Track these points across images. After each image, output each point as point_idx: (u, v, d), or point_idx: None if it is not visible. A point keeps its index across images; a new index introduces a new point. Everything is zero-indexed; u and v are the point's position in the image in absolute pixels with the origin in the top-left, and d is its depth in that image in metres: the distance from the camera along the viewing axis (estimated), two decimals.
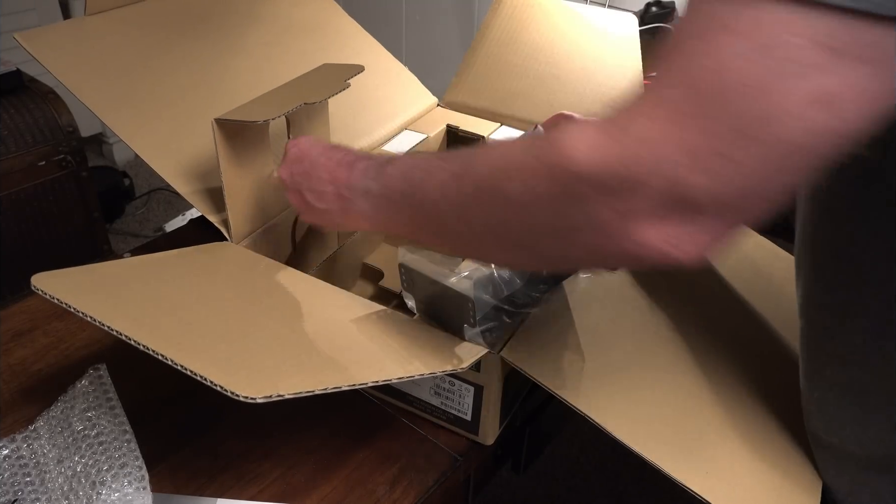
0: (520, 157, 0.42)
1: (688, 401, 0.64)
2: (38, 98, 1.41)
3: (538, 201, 0.40)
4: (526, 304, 0.64)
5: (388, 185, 0.54)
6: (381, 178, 0.55)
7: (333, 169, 0.59)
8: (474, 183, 0.45)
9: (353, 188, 0.57)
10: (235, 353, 0.52)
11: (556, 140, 0.38)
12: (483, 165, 0.45)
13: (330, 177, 0.59)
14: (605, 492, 1.52)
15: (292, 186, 0.63)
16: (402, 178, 0.52)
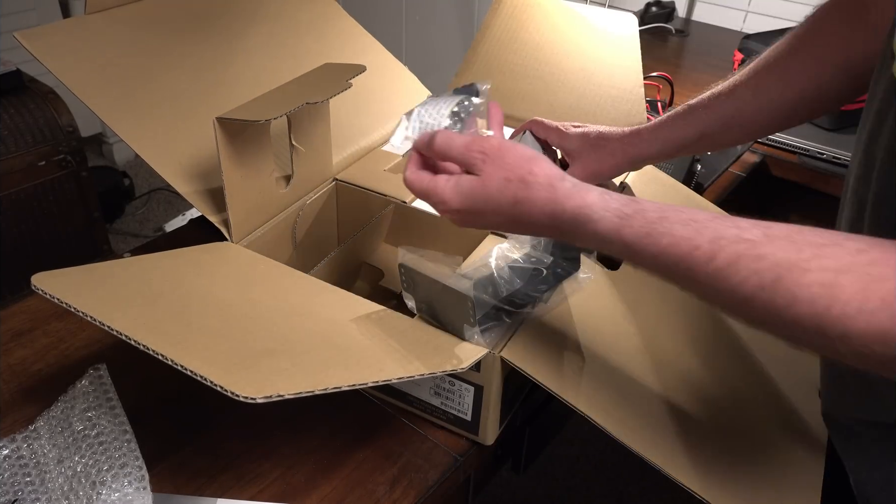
0: (811, 308, 0.40)
1: (688, 401, 0.64)
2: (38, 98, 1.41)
3: (813, 338, 0.41)
4: (526, 304, 0.64)
5: (644, 229, 0.47)
6: (631, 218, 0.48)
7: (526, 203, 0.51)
8: (753, 287, 0.43)
9: (580, 215, 0.50)
10: (235, 353, 0.52)
11: (866, 314, 0.38)
12: (773, 282, 0.42)
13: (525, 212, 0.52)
14: (605, 492, 1.52)
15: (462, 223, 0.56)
16: (663, 234, 0.47)
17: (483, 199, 0.52)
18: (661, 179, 0.90)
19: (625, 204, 0.49)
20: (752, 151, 1.19)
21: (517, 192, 0.50)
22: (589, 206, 0.49)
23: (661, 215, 0.47)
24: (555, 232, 0.52)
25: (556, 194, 0.50)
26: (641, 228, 0.47)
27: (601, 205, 0.49)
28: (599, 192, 0.49)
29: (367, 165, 0.88)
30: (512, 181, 0.51)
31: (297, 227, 0.82)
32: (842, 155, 1.14)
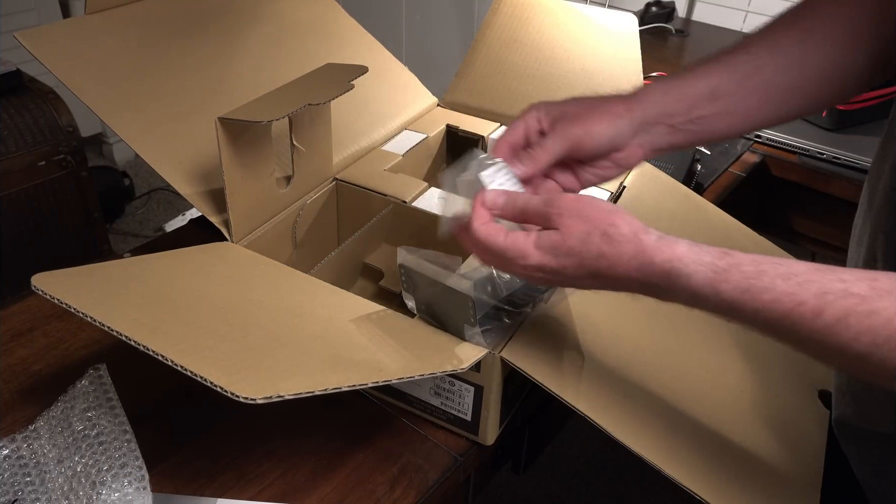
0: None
1: (688, 401, 0.64)
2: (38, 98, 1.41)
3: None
4: (526, 304, 0.64)
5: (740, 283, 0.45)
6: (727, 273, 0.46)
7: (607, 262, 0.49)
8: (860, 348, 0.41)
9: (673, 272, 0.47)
10: (235, 353, 0.52)
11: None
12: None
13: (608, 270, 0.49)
14: (605, 492, 1.52)
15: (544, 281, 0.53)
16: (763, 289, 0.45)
17: (565, 253, 0.49)
18: (661, 179, 0.90)
19: (718, 257, 0.46)
20: (751, 151, 1.19)
21: (601, 246, 0.48)
22: (680, 259, 0.46)
23: (758, 269, 0.45)
24: (642, 288, 0.49)
25: (643, 248, 0.47)
26: (739, 284, 0.45)
27: (693, 258, 0.46)
28: (688, 244, 0.47)
29: (368, 165, 0.88)
30: (593, 235, 0.48)
31: (297, 227, 0.82)
32: (842, 155, 1.14)
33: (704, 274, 0.46)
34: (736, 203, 1.04)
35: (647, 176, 0.89)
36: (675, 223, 0.83)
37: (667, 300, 0.49)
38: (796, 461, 0.63)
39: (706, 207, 0.89)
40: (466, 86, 1.03)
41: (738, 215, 0.89)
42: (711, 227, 0.87)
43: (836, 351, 0.42)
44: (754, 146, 1.20)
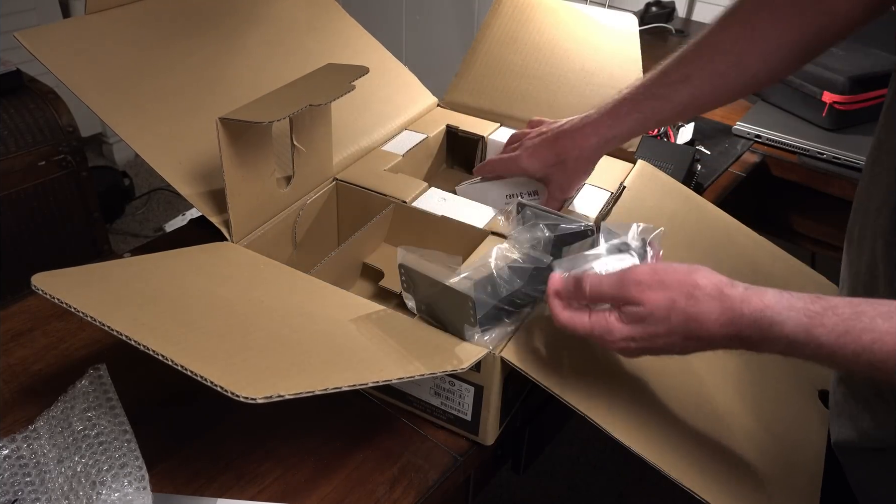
0: None
1: (688, 401, 0.64)
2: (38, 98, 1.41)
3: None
4: (526, 304, 0.64)
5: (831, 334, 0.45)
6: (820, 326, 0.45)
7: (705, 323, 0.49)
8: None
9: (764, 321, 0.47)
10: (235, 353, 0.52)
11: None
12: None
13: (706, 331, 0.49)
14: (605, 492, 1.52)
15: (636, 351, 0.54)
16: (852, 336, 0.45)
17: (654, 323, 0.49)
18: (661, 179, 0.90)
19: (811, 301, 0.46)
20: (752, 152, 1.19)
21: (687, 309, 0.48)
22: (770, 308, 0.46)
23: (855, 310, 0.45)
24: (736, 342, 0.48)
25: (731, 302, 0.47)
26: (837, 326, 0.44)
27: (784, 304, 0.46)
28: (777, 292, 0.47)
29: (368, 165, 0.88)
30: (679, 301, 0.48)
31: (297, 227, 0.82)
32: (842, 155, 1.14)
33: (798, 320, 0.45)
34: (736, 203, 1.03)
35: (647, 176, 0.89)
36: (675, 223, 0.83)
37: (764, 350, 0.48)
38: (796, 461, 0.63)
39: (706, 207, 0.89)
40: (466, 86, 1.03)
41: (738, 215, 0.89)
42: (711, 227, 0.87)
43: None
44: (754, 146, 1.20)
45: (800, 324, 0.45)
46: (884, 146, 0.56)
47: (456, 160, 1.03)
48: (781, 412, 0.68)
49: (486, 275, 0.61)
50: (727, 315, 0.47)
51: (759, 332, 0.46)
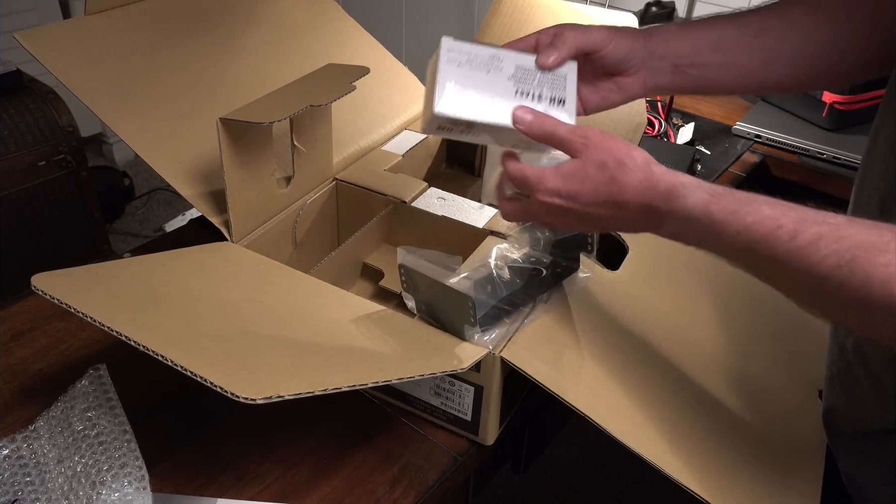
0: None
1: (688, 401, 0.64)
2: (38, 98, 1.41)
3: (885, 321, 0.41)
4: (526, 304, 0.64)
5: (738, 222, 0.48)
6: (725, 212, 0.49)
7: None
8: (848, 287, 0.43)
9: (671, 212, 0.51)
10: (235, 353, 0.52)
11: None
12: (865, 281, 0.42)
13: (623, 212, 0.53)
14: (605, 492, 1.52)
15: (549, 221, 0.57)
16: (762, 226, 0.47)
17: (580, 179, 0.53)
18: None
19: (716, 186, 0.50)
20: (752, 152, 1.19)
21: (614, 172, 0.52)
22: (682, 184, 0.50)
23: (749, 196, 0.49)
24: (644, 212, 0.52)
25: (652, 175, 0.51)
26: (729, 206, 0.48)
27: (694, 183, 0.50)
28: (692, 178, 0.51)
29: (368, 165, 0.88)
30: (609, 163, 0.52)
31: (297, 227, 0.82)
32: (842, 155, 1.14)
33: (701, 196, 0.49)
34: None
35: None
36: None
37: (664, 229, 0.52)
38: (796, 461, 0.63)
39: None
40: None
41: None
42: None
43: (805, 273, 0.44)
44: (754, 146, 1.20)
45: (702, 199, 0.49)
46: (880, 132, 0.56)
47: (455, 160, 1.03)
48: (781, 411, 0.68)
49: (485, 275, 0.61)
50: (644, 185, 0.51)
51: (667, 203, 0.50)
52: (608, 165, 0.52)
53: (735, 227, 0.47)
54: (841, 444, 0.62)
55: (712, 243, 0.50)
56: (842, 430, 0.60)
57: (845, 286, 0.42)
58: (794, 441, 0.65)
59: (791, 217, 0.45)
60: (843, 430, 0.60)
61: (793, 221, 0.45)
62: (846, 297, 0.42)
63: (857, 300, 0.42)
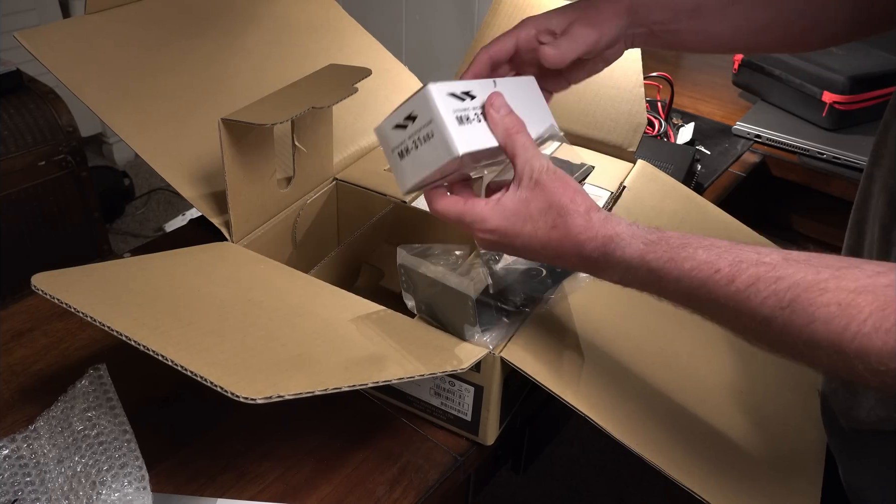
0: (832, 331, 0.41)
1: (688, 401, 0.64)
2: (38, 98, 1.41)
3: (832, 358, 0.41)
4: (526, 304, 0.64)
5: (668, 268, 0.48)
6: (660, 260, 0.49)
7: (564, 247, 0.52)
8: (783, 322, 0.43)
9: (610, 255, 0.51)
10: (235, 353, 0.52)
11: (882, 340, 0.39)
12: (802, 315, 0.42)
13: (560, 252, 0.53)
14: (605, 492, 1.52)
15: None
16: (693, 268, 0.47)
17: (522, 220, 0.53)
18: (661, 179, 0.90)
19: (650, 231, 0.50)
20: (752, 152, 1.19)
21: (556, 219, 0.52)
22: (619, 235, 0.50)
23: (683, 241, 0.48)
24: (581, 260, 0.52)
25: (591, 222, 0.51)
26: (665, 254, 0.48)
27: (629, 232, 0.50)
28: (627, 224, 0.51)
29: (368, 165, 0.88)
30: (553, 207, 0.52)
31: (297, 227, 0.82)
32: (842, 155, 1.14)
33: (637, 247, 0.50)
34: (736, 203, 1.03)
35: (648, 176, 0.89)
36: (675, 223, 0.83)
37: (604, 277, 0.53)
38: (796, 461, 0.63)
39: (706, 207, 0.89)
40: None
41: (738, 215, 0.89)
42: (711, 227, 0.87)
43: (748, 316, 0.44)
44: (754, 146, 1.20)
45: (637, 250, 0.49)
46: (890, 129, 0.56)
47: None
48: (782, 412, 0.68)
49: (485, 275, 0.61)
50: (584, 234, 0.51)
51: (604, 255, 0.51)
52: (552, 209, 0.52)
53: (674, 274, 0.47)
54: (837, 439, 0.62)
55: (654, 290, 0.50)
56: (840, 424, 0.60)
57: (789, 327, 0.42)
58: (794, 441, 0.65)
59: (727, 260, 0.45)
60: (841, 424, 0.60)
61: (728, 265, 0.45)
62: (791, 337, 0.42)
63: (803, 340, 0.42)
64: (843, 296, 0.40)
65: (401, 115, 0.54)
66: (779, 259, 0.44)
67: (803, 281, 0.42)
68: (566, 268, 0.55)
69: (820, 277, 0.42)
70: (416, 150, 0.54)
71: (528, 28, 0.62)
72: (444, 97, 0.53)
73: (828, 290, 0.41)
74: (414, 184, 0.55)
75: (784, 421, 0.67)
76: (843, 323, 0.40)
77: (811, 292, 0.41)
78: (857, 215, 0.61)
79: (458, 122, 0.53)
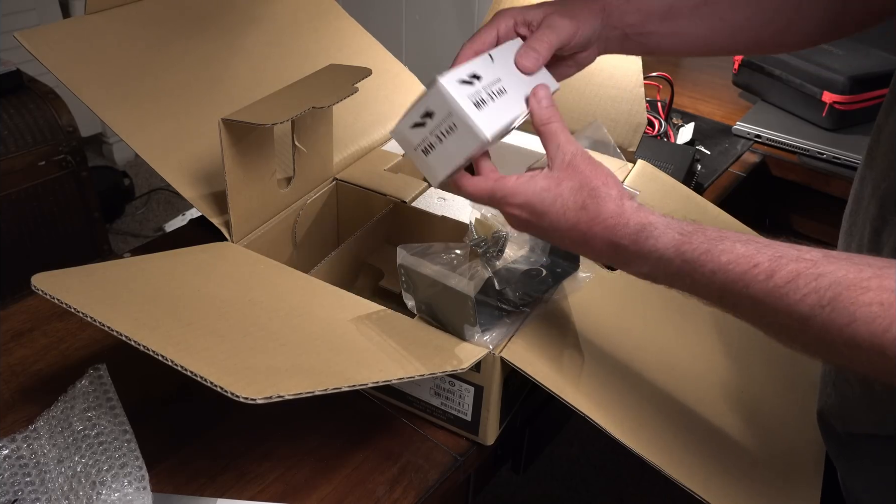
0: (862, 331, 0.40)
1: (688, 401, 0.64)
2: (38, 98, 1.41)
3: (872, 359, 0.40)
4: (526, 303, 0.64)
5: (695, 259, 0.47)
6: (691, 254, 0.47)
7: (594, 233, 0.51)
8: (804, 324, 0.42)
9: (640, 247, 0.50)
10: (235, 353, 0.52)
11: None
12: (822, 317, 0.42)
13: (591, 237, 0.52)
14: (605, 492, 1.52)
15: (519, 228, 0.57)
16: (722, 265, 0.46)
17: (551, 199, 0.52)
18: (661, 179, 0.90)
19: (685, 223, 0.49)
20: (752, 152, 1.19)
21: (586, 200, 0.51)
22: (652, 224, 0.49)
23: (721, 234, 0.47)
24: (611, 247, 0.51)
25: (623, 208, 0.50)
26: (701, 245, 0.47)
27: (664, 222, 0.49)
28: (661, 214, 0.50)
29: (368, 165, 0.88)
30: (584, 188, 0.51)
31: (297, 227, 0.82)
32: (842, 155, 1.14)
33: (672, 236, 0.48)
34: (736, 203, 1.03)
35: (647, 176, 0.89)
36: None
37: (631, 269, 0.51)
38: (796, 461, 0.63)
39: (706, 207, 0.89)
40: None
41: (738, 215, 0.89)
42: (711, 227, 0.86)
43: (785, 313, 0.43)
44: (754, 146, 1.20)
45: (672, 239, 0.48)
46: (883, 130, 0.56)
47: None
48: (782, 412, 0.68)
49: (485, 275, 0.61)
50: (615, 220, 0.50)
51: (636, 241, 0.49)
52: (583, 190, 0.51)
53: (709, 266, 0.46)
54: (834, 443, 0.62)
55: (686, 283, 0.48)
56: (834, 428, 0.60)
57: (828, 326, 0.41)
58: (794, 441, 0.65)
59: (766, 255, 0.44)
60: (836, 428, 0.60)
61: (768, 259, 0.44)
62: (830, 336, 0.41)
63: (843, 340, 0.41)
64: (886, 295, 0.39)
65: (416, 113, 0.55)
66: (819, 256, 0.43)
67: (844, 279, 0.41)
68: (592, 256, 0.53)
69: (862, 276, 0.40)
70: (441, 143, 0.55)
71: (507, 19, 0.61)
72: (455, 87, 0.54)
73: (870, 288, 0.40)
74: (446, 175, 0.56)
75: (785, 421, 0.67)
76: (886, 323, 0.39)
77: (853, 290, 0.40)
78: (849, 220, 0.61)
79: (476, 108, 0.54)
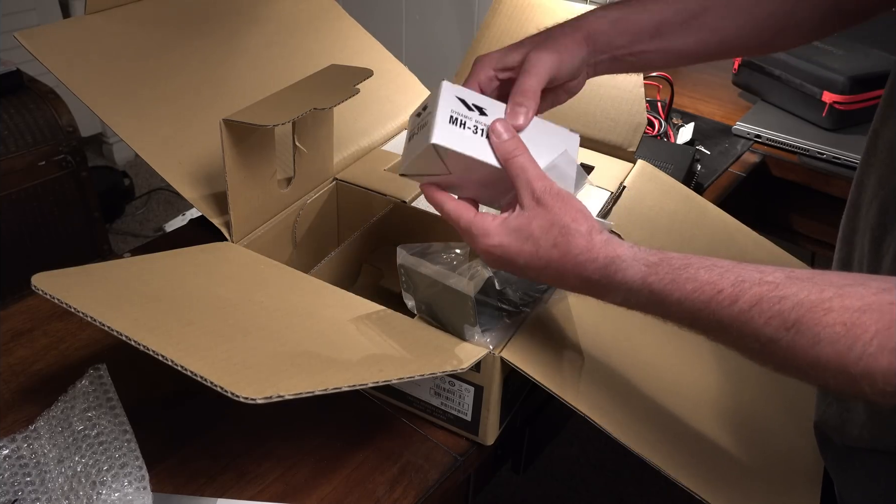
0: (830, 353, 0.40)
1: (688, 401, 0.64)
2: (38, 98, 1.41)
3: (838, 378, 0.41)
4: (526, 304, 0.64)
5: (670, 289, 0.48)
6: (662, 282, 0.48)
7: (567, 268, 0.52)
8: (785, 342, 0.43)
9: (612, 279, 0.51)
10: (235, 353, 0.52)
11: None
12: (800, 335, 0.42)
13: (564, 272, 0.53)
14: (605, 492, 1.52)
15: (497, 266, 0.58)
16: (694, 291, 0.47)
17: (524, 238, 0.53)
18: (661, 179, 0.90)
19: (651, 253, 0.50)
20: (752, 152, 1.19)
21: (557, 237, 0.52)
22: (620, 257, 0.50)
23: (685, 262, 0.48)
24: (583, 282, 0.52)
25: (592, 243, 0.51)
26: (667, 276, 0.48)
27: (631, 254, 0.50)
28: (629, 246, 0.51)
29: (368, 165, 0.88)
30: (555, 226, 0.52)
31: (297, 227, 0.82)
32: (842, 155, 1.14)
33: (638, 269, 0.49)
34: (736, 203, 1.03)
35: (647, 176, 0.89)
36: (675, 223, 0.83)
37: (607, 299, 0.52)
38: (796, 461, 0.63)
39: (706, 207, 0.89)
40: None
41: (738, 215, 0.89)
42: (711, 227, 0.87)
43: (752, 337, 0.44)
44: (754, 146, 1.20)
45: (639, 271, 0.49)
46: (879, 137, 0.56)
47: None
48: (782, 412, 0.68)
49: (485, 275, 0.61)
50: (585, 255, 0.51)
51: (606, 277, 0.50)
52: (553, 228, 0.52)
53: (675, 296, 0.47)
54: (831, 455, 0.61)
55: (658, 312, 0.50)
56: (832, 441, 0.60)
57: (794, 348, 0.41)
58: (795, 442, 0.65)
59: (729, 280, 0.45)
60: (833, 441, 0.60)
61: (731, 285, 0.44)
62: (797, 358, 0.42)
63: (808, 361, 0.41)
64: (848, 315, 0.40)
65: (421, 105, 0.59)
66: (782, 278, 0.43)
67: (807, 300, 0.41)
68: (569, 290, 0.55)
69: (824, 296, 0.41)
70: (416, 135, 0.58)
71: (486, 69, 0.61)
72: (451, 97, 0.56)
73: (832, 309, 0.40)
74: (405, 166, 0.59)
75: (784, 421, 0.67)
76: (848, 343, 0.39)
77: (815, 312, 0.41)
78: (847, 227, 0.61)
79: (449, 121, 0.55)
